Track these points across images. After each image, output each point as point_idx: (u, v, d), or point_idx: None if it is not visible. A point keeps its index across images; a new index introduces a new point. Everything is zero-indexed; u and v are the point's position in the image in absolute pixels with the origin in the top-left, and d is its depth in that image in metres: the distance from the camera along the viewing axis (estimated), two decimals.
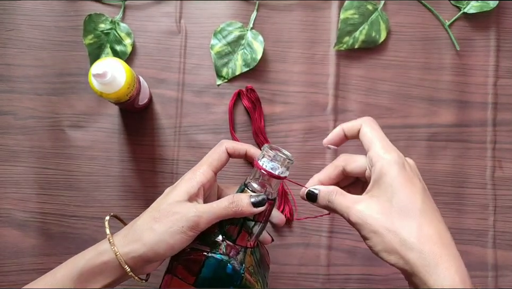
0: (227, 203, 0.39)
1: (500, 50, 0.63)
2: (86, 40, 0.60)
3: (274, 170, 0.40)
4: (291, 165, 0.41)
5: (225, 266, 0.39)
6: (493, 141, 0.62)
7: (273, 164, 0.40)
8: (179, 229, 0.38)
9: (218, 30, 0.61)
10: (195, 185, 0.41)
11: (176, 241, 0.38)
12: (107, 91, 0.49)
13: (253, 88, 0.60)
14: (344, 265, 0.60)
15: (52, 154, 0.60)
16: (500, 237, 0.61)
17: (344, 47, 0.61)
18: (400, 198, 0.35)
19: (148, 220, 0.40)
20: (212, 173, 0.42)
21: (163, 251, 0.38)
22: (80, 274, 0.39)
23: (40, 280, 0.41)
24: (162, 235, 0.38)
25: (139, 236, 0.39)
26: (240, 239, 0.41)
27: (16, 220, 0.59)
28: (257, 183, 0.41)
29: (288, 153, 0.41)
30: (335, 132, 0.42)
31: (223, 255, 0.40)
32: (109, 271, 0.39)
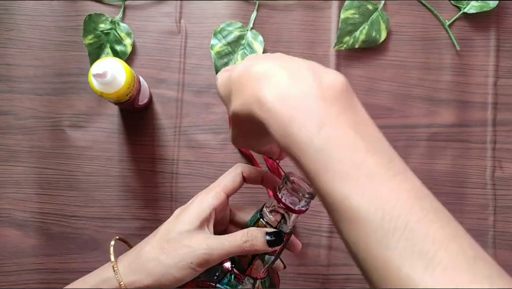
0: (240, 241, 0.37)
1: (500, 50, 0.63)
2: (86, 40, 0.60)
3: (294, 204, 0.37)
4: (312, 200, 0.38)
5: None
6: (493, 141, 0.62)
7: (295, 199, 0.37)
8: (188, 265, 0.37)
9: (218, 30, 0.61)
10: (207, 209, 0.39)
11: (183, 276, 0.37)
12: (107, 91, 0.49)
13: None
14: (344, 265, 0.60)
15: (52, 154, 0.60)
16: (500, 237, 0.61)
17: (345, 46, 0.61)
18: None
19: (156, 249, 0.38)
20: (224, 196, 0.40)
21: (169, 284, 0.37)
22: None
23: None
24: (170, 268, 0.37)
25: (145, 266, 0.38)
26: (250, 270, 0.39)
27: (16, 220, 0.59)
28: (274, 215, 0.39)
29: (308, 186, 0.38)
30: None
31: (232, 287, 0.38)
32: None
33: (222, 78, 0.33)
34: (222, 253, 0.37)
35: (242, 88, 0.30)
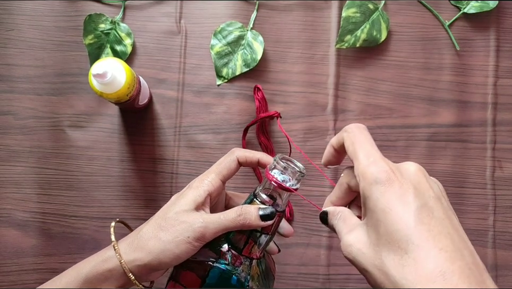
0: (235, 215, 0.39)
1: (500, 50, 0.63)
2: (86, 40, 0.60)
3: (285, 182, 0.39)
4: (303, 178, 0.40)
5: (230, 277, 0.39)
6: (493, 141, 0.62)
7: (286, 177, 0.39)
8: (185, 239, 0.38)
9: (218, 30, 0.61)
10: (202, 194, 0.40)
11: (181, 251, 0.38)
12: (107, 91, 0.49)
13: (260, 87, 0.60)
14: (344, 265, 0.60)
15: (52, 154, 0.60)
16: (499, 237, 0.61)
17: (346, 45, 0.61)
18: (386, 227, 0.28)
19: (154, 228, 0.39)
20: (219, 182, 0.41)
21: (169, 260, 0.38)
22: (85, 281, 0.39)
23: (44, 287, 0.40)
24: (168, 244, 0.38)
25: (145, 244, 0.39)
26: (246, 250, 0.40)
27: (16, 220, 0.59)
28: (267, 194, 0.40)
29: (300, 165, 0.40)
30: (327, 151, 0.37)
31: (228, 265, 0.39)
32: (113, 278, 0.39)
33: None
34: (217, 227, 0.38)
35: None
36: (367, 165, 0.30)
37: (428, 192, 0.30)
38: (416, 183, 0.30)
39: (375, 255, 0.29)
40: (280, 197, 0.41)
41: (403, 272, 0.27)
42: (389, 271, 0.28)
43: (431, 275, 0.26)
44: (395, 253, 0.27)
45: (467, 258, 0.27)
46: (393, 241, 0.28)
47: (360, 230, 0.31)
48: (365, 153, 0.31)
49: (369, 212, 0.30)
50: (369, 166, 0.30)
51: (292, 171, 0.39)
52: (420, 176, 0.31)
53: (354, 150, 0.32)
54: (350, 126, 0.34)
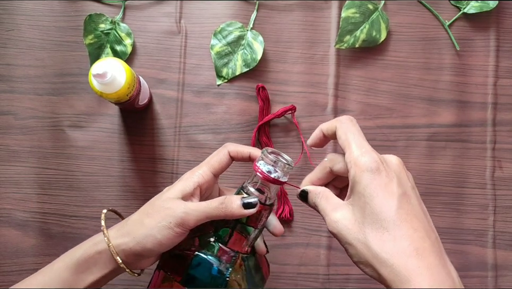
0: (217, 203, 0.39)
1: (500, 50, 0.63)
2: (87, 40, 0.60)
3: (272, 174, 0.39)
4: (291, 170, 0.40)
5: (211, 267, 0.39)
6: (492, 141, 0.62)
7: (271, 168, 0.39)
8: (167, 225, 0.39)
9: (218, 30, 0.61)
10: (191, 184, 0.41)
11: (163, 236, 0.39)
12: (107, 91, 0.49)
13: (264, 87, 0.60)
14: (344, 265, 0.60)
15: (52, 154, 0.60)
16: (499, 237, 0.61)
17: (345, 45, 0.61)
18: (372, 208, 0.33)
19: (141, 215, 0.41)
20: (210, 175, 0.42)
21: (151, 246, 0.39)
22: (77, 265, 0.40)
23: (39, 272, 0.41)
24: (151, 229, 0.39)
25: (131, 229, 0.40)
26: (232, 242, 0.40)
27: (16, 220, 0.59)
28: (255, 186, 0.40)
29: (288, 157, 0.40)
30: (315, 134, 0.40)
31: (211, 256, 0.39)
32: (103, 262, 0.40)
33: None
34: (199, 214, 0.39)
35: None
36: (360, 155, 0.35)
37: (407, 182, 0.35)
38: (398, 173, 0.35)
39: (359, 231, 0.34)
40: (268, 190, 0.40)
41: (383, 247, 0.32)
42: (371, 245, 0.33)
43: (407, 250, 0.31)
44: (377, 230, 0.33)
45: (433, 238, 0.33)
46: (378, 221, 0.33)
47: (345, 209, 0.35)
48: (357, 144, 0.36)
49: (357, 194, 0.34)
50: (362, 155, 0.34)
51: (280, 163, 0.39)
52: (401, 168, 0.36)
53: (347, 139, 0.36)
54: (343, 118, 0.38)
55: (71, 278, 0.40)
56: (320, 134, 0.40)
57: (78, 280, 0.40)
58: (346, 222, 0.34)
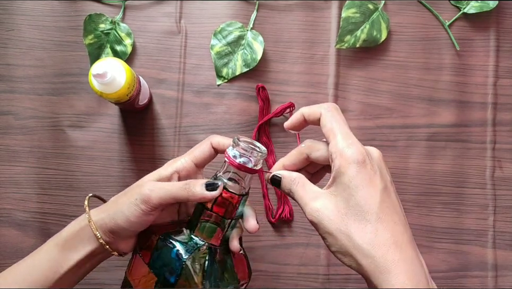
0: (182, 184, 0.40)
1: (500, 50, 0.63)
2: (87, 40, 0.60)
3: (243, 161, 0.38)
4: (263, 158, 0.40)
5: (171, 250, 0.39)
6: (493, 141, 0.62)
7: (238, 154, 0.39)
8: (134, 202, 0.39)
9: (218, 30, 0.61)
10: (169, 169, 0.42)
11: (130, 213, 0.39)
12: (107, 91, 0.49)
13: (264, 87, 0.60)
14: (344, 265, 0.59)
15: (52, 154, 0.60)
16: (499, 237, 0.61)
17: (346, 45, 0.61)
18: (356, 200, 0.33)
19: (119, 194, 0.43)
20: (191, 164, 0.42)
21: (121, 222, 0.40)
22: (63, 243, 0.42)
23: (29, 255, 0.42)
24: (121, 205, 0.40)
25: (108, 207, 0.42)
26: (197, 230, 0.40)
27: (16, 220, 0.59)
28: (228, 176, 0.40)
29: (260, 145, 0.40)
30: (295, 117, 0.39)
31: (175, 240, 0.39)
32: (86, 239, 0.41)
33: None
34: (164, 193, 0.39)
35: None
36: (346, 146, 0.35)
37: (387, 176, 0.36)
38: (380, 167, 0.35)
39: (342, 222, 0.34)
40: (241, 180, 0.40)
41: (365, 238, 0.33)
42: (353, 236, 0.33)
43: (387, 242, 0.33)
44: (360, 222, 0.33)
45: (409, 232, 0.35)
46: (361, 213, 0.33)
47: (327, 199, 0.35)
48: (343, 134, 0.36)
49: (342, 185, 0.34)
50: (348, 147, 0.35)
51: (251, 151, 0.38)
52: (382, 160, 0.36)
53: (332, 129, 0.36)
54: (328, 105, 0.38)
55: (58, 255, 0.41)
56: (301, 118, 0.39)
57: (65, 258, 0.41)
58: (328, 212, 0.35)
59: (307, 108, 0.38)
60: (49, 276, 0.41)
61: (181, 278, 0.38)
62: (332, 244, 0.35)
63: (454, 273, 0.60)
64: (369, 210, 0.33)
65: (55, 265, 0.41)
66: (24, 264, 0.42)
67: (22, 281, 0.40)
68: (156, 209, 0.40)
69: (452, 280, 0.60)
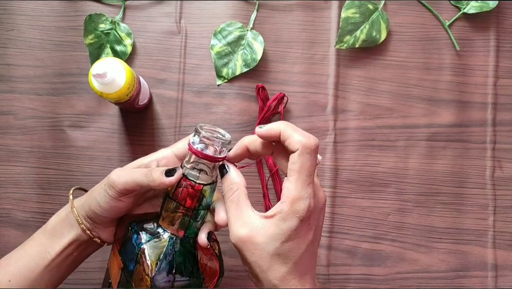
0: (144, 170, 0.40)
1: (500, 50, 0.63)
2: (87, 40, 0.60)
3: (203, 148, 0.37)
4: (227, 146, 0.38)
5: (133, 236, 0.39)
6: (492, 141, 0.62)
7: (201, 143, 0.37)
8: (103, 187, 0.40)
9: (218, 30, 0.61)
10: (148, 158, 0.43)
11: (101, 198, 0.40)
12: (107, 91, 0.49)
13: (264, 87, 0.60)
14: (344, 265, 0.60)
15: (52, 154, 0.60)
16: (499, 237, 0.61)
17: (345, 46, 0.61)
18: (284, 247, 0.35)
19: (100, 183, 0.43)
20: (172, 155, 0.42)
21: (94, 208, 0.41)
22: (51, 229, 0.43)
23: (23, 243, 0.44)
24: (94, 192, 0.41)
25: (86, 194, 0.43)
26: (162, 220, 0.40)
27: (16, 220, 0.59)
28: (192, 166, 0.38)
29: (224, 133, 0.39)
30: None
31: (141, 229, 0.39)
32: (70, 224, 0.43)
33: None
34: (128, 179, 0.39)
35: None
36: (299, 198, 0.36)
37: (319, 228, 0.40)
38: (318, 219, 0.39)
39: (262, 259, 0.36)
40: (207, 168, 0.38)
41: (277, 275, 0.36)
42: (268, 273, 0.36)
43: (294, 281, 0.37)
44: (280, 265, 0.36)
45: (314, 272, 0.39)
46: (284, 258, 0.37)
47: (256, 231, 0.36)
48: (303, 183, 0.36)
49: (278, 228, 0.36)
50: (301, 200, 0.36)
51: (213, 139, 0.37)
52: (324, 209, 0.40)
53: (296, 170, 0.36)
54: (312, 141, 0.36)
55: (45, 242, 0.43)
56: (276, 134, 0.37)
57: (52, 244, 0.42)
58: (253, 246, 0.36)
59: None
60: (38, 262, 0.42)
61: (137, 263, 0.38)
62: (248, 269, 0.37)
63: (454, 273, 0.60)
64: (292, 258, 0.36)
65: (43, 250, 0.42)
66: (16, 253, 0.43)
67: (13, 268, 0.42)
68: (122, 194, 0.40)
69: (452, 280, 0.60)
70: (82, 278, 0.58)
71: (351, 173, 0.61)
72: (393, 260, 0.60)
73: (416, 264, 0.60)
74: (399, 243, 0.60)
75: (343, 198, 0.60)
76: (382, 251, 0.60)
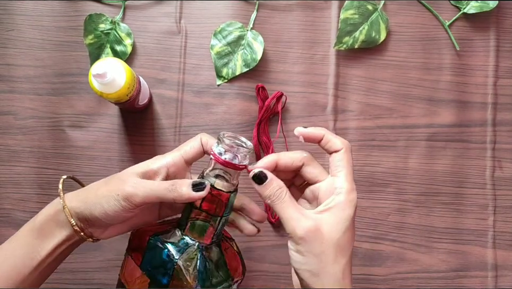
0: (168, 184, 0.39)
1: (500, 50, 0.63)
2: (87, 40, 0.60)
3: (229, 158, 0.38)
4: (249, 154, 0.39)
5: (162, 251, 0.38)
6: (492, 141, 0.62)
7: (223, 150, 0.38)
8: (115, 196, 0.38)
9: (218, 30, 0.61)
10: (158, 163, 0.40)
11: (109, 207, 0.38)
12: (107, 91, 0.49)
13: (264, 87, 0.60)
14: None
15: (52, 154, 0.60)
16: (499, 237, 0.61)
17: (344, 46, 0.61)
18: (344, 238, 0.37)
19: (99, 183, 0.41)
20: (181, 159, 0.41)
21: (98, 214, 0.39)
22: (39, 228, 0.41)
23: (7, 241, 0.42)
24: (101, 198, 0.39)
25: (86, 196, 0.40)
26: (188, 230, 0.40)
27: (16, 220, 0.59)
28: (215, 173, 0.39)
29: (246, 140, 0.39)
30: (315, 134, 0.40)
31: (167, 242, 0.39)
32: (61, 224, 0.40)
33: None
34: (148, 192, 0.38)
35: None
36: (352, 189, 0.38)
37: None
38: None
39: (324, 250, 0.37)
40: (230, 176, 0.39)
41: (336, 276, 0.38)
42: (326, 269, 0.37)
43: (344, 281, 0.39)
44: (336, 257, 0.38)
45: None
46: (341, 250, 0.38)
47: (319, 221, 0.37)
48: (351, 176, 0.39)
49: (336, 218, 0.37)
50: (354, 190, 0.38)
51: (237, 147, 0.38)
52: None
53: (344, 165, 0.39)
54: (348, 144, 0.41)
55: (34, 241, 0.40)
56: (319, 137, 0.40)
57: (42, 244, 0.40)
58: (318, 235, 0.36)
59: (331, 135, 0.40)
60: (26, 262, 0.40)
61: (173, 278, 0.37)
62: (305, 265, 0.37)
63: (454, 273, 0.60)
64: (349, 248, 0.38)
65: (32, 251, 0.40)
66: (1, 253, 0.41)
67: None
68: (138, 207, 0.39)
69: (452, 280, 0.60)
70: (82, 278, 0.58)
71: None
72: (393, 260, 0.60)
73: (416, 264, 0.60)
74: (399, 243, 0.60)
75: None
76: (382, 251, 0.60)
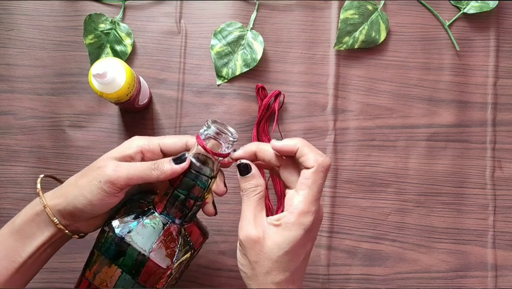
0: (150, 164, 0.39)
1: (500, 50, 0.63)
2: (87, 40, 0.60)
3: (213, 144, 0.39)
4: (234, 143, 0.40)
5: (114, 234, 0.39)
6: (492, 141, 0.62)
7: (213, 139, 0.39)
8: (97, 184, 0.38)
9: (218, 30, 0.61)
10: (133, 147, 0.40)
11: (93, 196, 0.38)
12: (107, 91, 0.49)
13: (264, 87, 0.60)
14: (344, 265, 0.60)
15: (52, 154, 0.60)
16: (499, 237, 0.61)
17: (344, 47, 0.61)
18: (286, 256, 0.37)
19: (77, 176, 0.41)
20: (157, 146, 0.41)
21: (82, 206, 0.38)
22: (19, 230, 0.40)
23: None
24: (82, 189, 0.38)
25: (65, 190, 0.40)
26: (163, 208, 0.40)
27: None
28: (197, 158, 0.40)
29: (232, 130, 0.40)
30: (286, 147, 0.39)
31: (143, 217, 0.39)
32: (43, 224, 0.40)
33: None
34: (131, 174, 0.38)
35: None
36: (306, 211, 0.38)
37: (316, 237, 0.42)
38: (317, 230, 0.42)
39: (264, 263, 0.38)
40: (211, 162, 0.40)
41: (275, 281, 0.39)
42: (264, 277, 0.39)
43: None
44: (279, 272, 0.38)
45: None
46: (284, 266, 0.38)
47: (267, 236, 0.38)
48: (312, 197, 0.38)
49: (282, 237, 0.38)
50: (309, 214, 0.38)
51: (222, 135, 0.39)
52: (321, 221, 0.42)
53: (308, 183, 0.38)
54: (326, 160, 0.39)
55: (14, 244, 0.39)
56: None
57: (23, 246, 0.40)
58: (259, 249, 0.37)
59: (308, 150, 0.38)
60: (7, 266, 0.39)
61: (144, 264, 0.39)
62: (244, 265, 0.38)
63: (454, 273, 0.60)
64: (291, 267, 0.38)
65: (12, 254, 0.39)
66: None
67: None
68: (122, 190, 0.39)
69: (452, 280, 0.60)
70: None
71: (351, 174, 0.61)
72: (393, 260, 0.60)
73: (416, 264, 0.60)
74: (399, 243, 0.60)
75: (343, 198, 0.60)
76: (382, 251, 0.60)
